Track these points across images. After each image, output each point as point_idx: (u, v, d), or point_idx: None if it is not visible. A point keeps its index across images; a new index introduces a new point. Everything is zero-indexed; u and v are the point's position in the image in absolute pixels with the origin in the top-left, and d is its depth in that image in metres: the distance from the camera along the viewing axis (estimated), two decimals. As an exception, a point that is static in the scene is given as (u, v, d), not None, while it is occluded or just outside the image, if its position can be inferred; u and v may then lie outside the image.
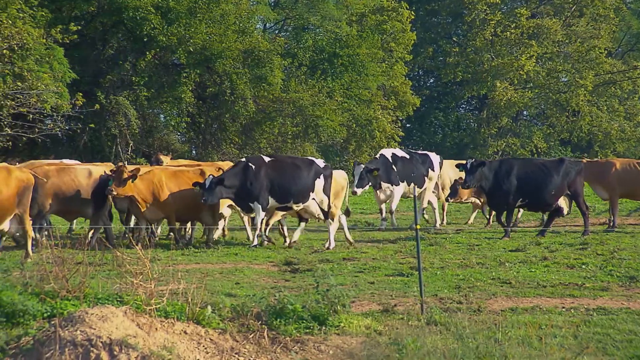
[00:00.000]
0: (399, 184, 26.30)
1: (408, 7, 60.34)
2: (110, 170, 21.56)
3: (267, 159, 22.68)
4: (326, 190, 22.53)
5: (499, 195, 23.95)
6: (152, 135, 50.04)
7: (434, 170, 27.33)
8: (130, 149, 45.30)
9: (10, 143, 40.50)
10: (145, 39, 46.42)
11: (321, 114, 49.51)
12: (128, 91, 46.54)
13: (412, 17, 60.97)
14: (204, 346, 12.10)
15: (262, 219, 22.11)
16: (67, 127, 42.51)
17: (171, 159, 31.37)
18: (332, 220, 22.80)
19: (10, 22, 39.22)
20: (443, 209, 28.89)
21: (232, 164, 25.08)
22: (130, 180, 20.44)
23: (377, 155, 27.45)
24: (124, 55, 48.15)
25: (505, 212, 24.28)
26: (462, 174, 25.84)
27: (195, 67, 47.21)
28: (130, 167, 21.58)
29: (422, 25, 70.56)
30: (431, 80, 76.32)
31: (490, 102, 65.91)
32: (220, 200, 22.07)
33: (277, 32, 60.23)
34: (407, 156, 27.12)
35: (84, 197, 21.52)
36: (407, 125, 69.47)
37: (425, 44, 69.78)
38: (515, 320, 13.31)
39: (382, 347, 11.98)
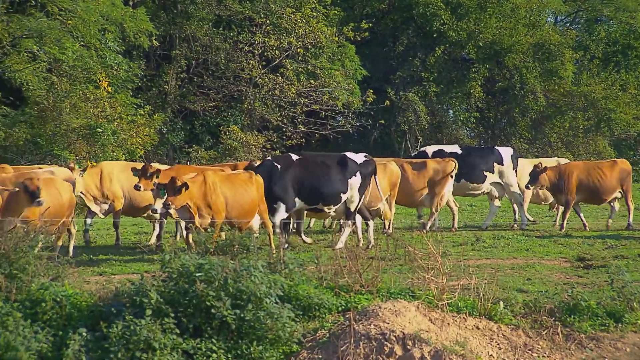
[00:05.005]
0: None
1: None
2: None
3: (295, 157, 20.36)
4: (361, 189, 20.51)
5: None
6: (441, 131, 50.24)
7: (502, 164, 25.27)
8: (419, 144, 45.69)
9: (303, 140, 41.83)
10: (434, 35, 46.74)
11: (614, 107, 48.16)
12: (417, 87, 46.96)
13: None
14: (496, 342, 12.03)
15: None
16: (357, 124, 43.41)
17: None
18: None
19: (304, 21, 40.48)
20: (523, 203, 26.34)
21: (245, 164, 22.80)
22: (184, 188, 17.52)
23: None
24: (414, 51, 48.59)
25: None
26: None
27: (484, 62, 47.09)
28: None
29: None
30: None
31: None
32: None
33: (568, 24, 59.02)
34: (459, 151, 25.43)
35: None
36: None
37: None
38: None
39: (683, 345, 11.57)
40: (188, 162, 34.02)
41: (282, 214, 19.49)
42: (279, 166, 19.53)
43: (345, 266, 13.59)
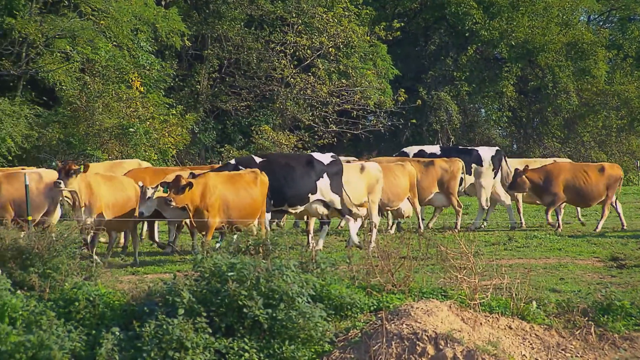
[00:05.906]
0: None
1: None
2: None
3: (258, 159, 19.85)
4: (335, 189, 19.87)
5: None
6: (473, 130, 50.14)
7: (481, 166, 24.90)
8: (451, 143, 45.60)
9: (335, 139, 41.82)
10: (466, 34, 46.64)
11: (647, 106, 47.97)
12: (449, 86, 46.90)
13: None
14: (529, 342, 11.99)
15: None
16: (389, 123, 43.39)
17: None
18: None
19: (336, 20, 40.50)
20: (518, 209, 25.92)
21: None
22: (188, 188, 17.45)
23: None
24: (446, 50, 48.51)
25: None
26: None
27: (517, 61, 46.95)
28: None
29: None
30: None
31: None
32: None
33: (601, 23, 58.72)
34: (438, 152, 25.29)
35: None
36: None
37: None
38: None
39: None
40: (220, 162, 34.12)
41: None
42: (240, 169, 18.96)
43: (377, 266, 13.60)
